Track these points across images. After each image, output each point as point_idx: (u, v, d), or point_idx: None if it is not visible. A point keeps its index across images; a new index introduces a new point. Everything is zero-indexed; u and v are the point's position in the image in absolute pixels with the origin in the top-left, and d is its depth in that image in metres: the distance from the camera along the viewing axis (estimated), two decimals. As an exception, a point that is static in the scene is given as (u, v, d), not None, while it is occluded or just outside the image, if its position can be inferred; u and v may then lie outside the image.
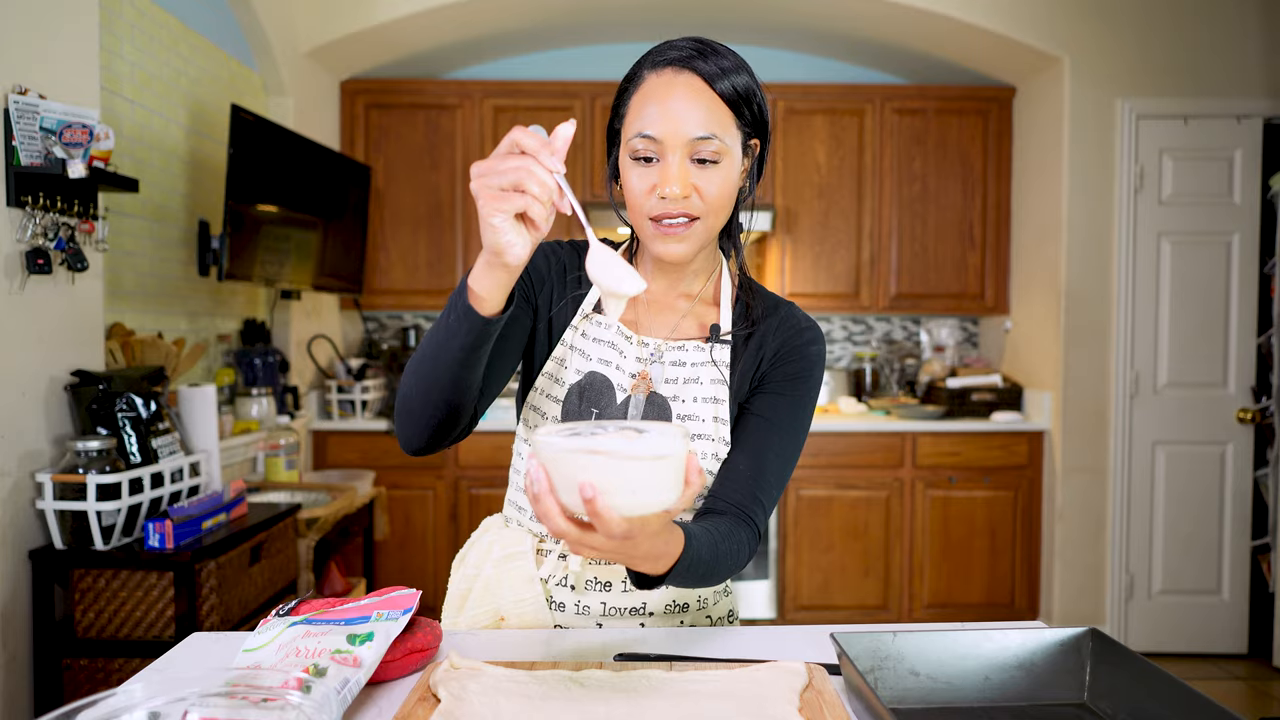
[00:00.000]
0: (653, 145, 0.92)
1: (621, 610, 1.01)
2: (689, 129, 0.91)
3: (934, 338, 3.93)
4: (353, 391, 3.41)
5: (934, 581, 3.44)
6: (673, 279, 1.05)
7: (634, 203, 0.95)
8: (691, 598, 1.04)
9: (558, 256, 1.06)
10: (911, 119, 3.66)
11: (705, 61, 0.92)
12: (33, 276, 1.79)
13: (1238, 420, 3.26)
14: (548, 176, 0.72)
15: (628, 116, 0.95)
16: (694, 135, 0.91)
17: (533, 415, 1.04)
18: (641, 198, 0.94)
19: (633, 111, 0.94)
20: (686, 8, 3.50)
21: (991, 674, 0.80)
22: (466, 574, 1.08)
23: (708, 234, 0.96)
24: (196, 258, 2.72)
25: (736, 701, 0.73)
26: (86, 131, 1.82)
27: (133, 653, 1.77)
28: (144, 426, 1.91)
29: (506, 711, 0.71)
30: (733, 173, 0.95)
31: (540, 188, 0.72)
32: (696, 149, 0.91)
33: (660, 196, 0.92)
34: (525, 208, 0.73)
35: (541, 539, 1.04)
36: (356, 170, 3.37)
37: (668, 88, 0.92)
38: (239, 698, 0.64)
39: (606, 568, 1.01)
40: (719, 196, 0.94)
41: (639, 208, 0.95)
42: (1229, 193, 3.27)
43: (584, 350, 1.02)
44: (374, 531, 3.07)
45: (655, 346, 1.02)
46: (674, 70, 0.92)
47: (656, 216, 0.93)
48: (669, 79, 0.92)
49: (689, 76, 0.92)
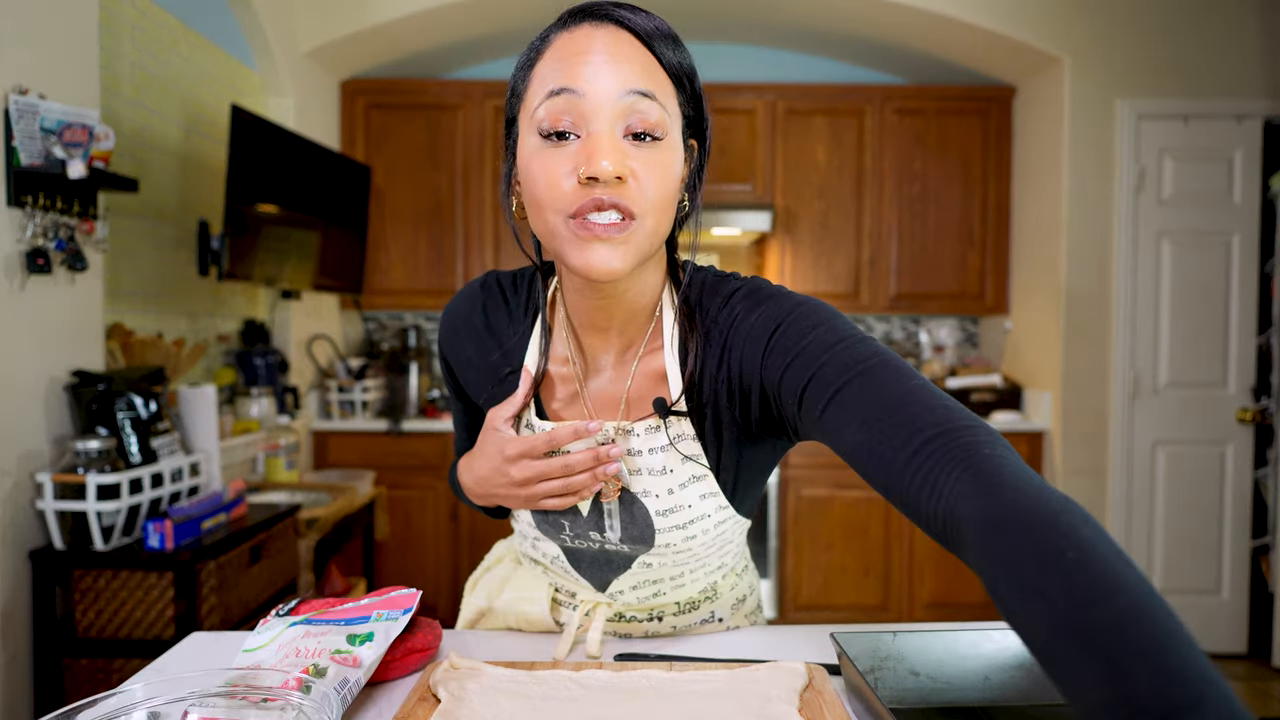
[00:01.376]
0: (569, 107, 0.67)
1: None
2: (620, 82, 0.67)
3: (934, 338, 3.93)
4: (353, 391, 3.41)
5: (934, 581, 3.44)
6: (604, 321, 0.79)
7: (543, 198, 0.68)
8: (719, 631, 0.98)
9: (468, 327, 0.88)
10: (911, 119, 3.66)
11: (632, 13, 0.70)
12: (33, 276, 1.79)
13: (1238, 420, 3.26)
14: (590, 489, 0.76)
15: (529, 90, 0.71)
16: (627, 89, 0.67)
17: None
18: (553, 188, 0.68)
19: (537, 78, 0.70)
20: (686, 8, 3.50)
21: (991, 674, 0.80)
22: (476, 604, 1.04)
23: (648, 242, 0.70)
24: (196, 258, 2.72)
25: (736, 701, 0.73)
26: (86, 131, 1.82)
27: (133, 653, 1.77)
28: (144, 426, 1.91)
29: (506, 711, 0.71)
30: (674, 161, 0.71)
31: (581, 493, 0.77)
32: (630, 114, 0.67)
33: (587, 177, 0.66)
34: (567, 504, 0.78)
35: (557, 589, 0.97)
36: (356, 170, 3.37)
37: (587, 38, 0.68)
38: (239, 698, 0.64)
39: (627, 624, 0.93)
40: (659, 187, 0.69)
41: (551, 203, 0.68)
42: (1229, 193, 3.27)
43: None
44: (374, 531, 3.07)
45: (607, 433, 0.80)
46: (593, 23, 0.69)
47: (577, 211, 0.67)
48: (588, 31, 0.69)
49: (613, 28, 0.69)
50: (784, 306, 0.74)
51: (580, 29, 0.69)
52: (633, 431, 0.80)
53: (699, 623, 0.96)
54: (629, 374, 0.81)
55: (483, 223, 3.61)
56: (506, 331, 0.86)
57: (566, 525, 0.85)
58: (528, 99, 0.71)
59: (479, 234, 3.61)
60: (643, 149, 0.68)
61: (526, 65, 0.73)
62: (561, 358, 0.83)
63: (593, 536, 0.85)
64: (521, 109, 0.73)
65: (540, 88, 0.69)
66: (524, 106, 0.72)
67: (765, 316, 0.74)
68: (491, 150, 3.59)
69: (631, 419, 0.81)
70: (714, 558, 0.89)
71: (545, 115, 0.68)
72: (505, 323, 0.87)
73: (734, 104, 3.60)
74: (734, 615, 0.99)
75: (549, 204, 0.68)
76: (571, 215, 0.68)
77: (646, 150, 0.68)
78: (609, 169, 0.65)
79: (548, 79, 0.69)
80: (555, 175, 0.68)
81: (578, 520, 0.84)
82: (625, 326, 0.80)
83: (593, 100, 0.67)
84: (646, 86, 0.68)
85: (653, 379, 0.80)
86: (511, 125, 0.76)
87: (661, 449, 0.79)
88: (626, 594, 0.90)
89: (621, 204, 0.67)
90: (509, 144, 0.76)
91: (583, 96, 0.67)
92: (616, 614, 0.94)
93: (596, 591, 0.92)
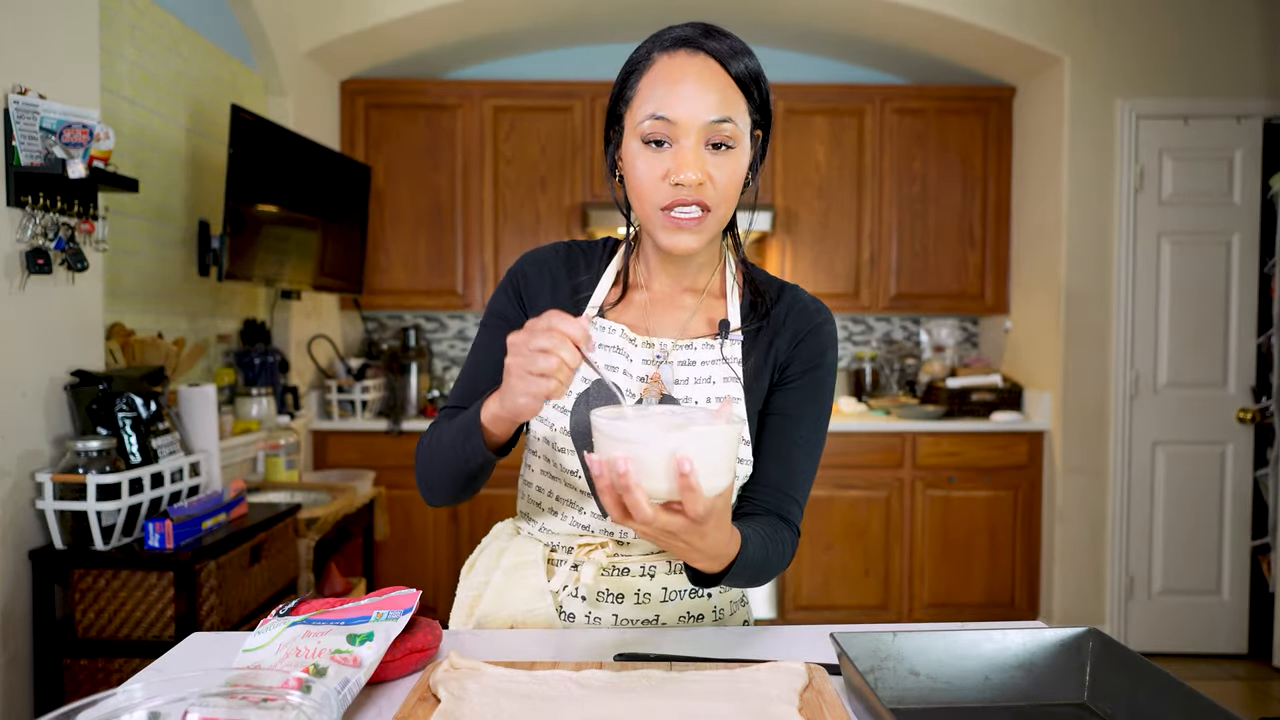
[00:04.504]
0: (666, 128, 0.88)
1: (634, 621, 0.99)
2: (705, 111, 0.88)
3: (934, 338, 3.93)
4: (353, 391, 3.41)
5: (934, 581, 3.44)
6: (677, 275, 1.02)
7: (642, 191, 0.91)
8: (707, 609, 1.03)
9: (549, 268, 1.04)
10: (911, 119, 3.66)
11: (717, 42, 0.90)
12: (33, 276, 1.79)
13: (1238, 420, 3.26)
14: (574, 360, 0.77)
15: (635, 100, 0.92)
16: (710, 118, 0.88)
17: (539, 426, 1.00)
18: (651, 185, 0.90)
19: (642, 94, 0.91)
20: (686, 8, 3.50)
21: (991, 674, 0.80)
22: (475, 580, 1.06)
23: (718, 226, 0.93)
24: (196, 258, 2.72)
25: (736, 702, 0.73)
26: (86, 131, 1.82)
27: (133, 653, 1.77)
28: (144, 426, 1.91)
29: (506, 711, 0.71)
30: (743, 160, 0.92)
31: (567, 374, 0.78)
32: (712, 132, 0.88)
33: (675, 183, 0.88)
34: (550, 392, 0.78)
35: (553, 549, 1.02)
36: (356, 170, 3.37)
37: (682, 69, 0.89)
38: (239, 698, 0.64)
39: (619, 579, 0.98)
40: (730, 184, 0.91)
41: (648, 196, 0.90)
42: (1229, 193, 3.27)
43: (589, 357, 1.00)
44: (374, 531, 3.07)
45: (662, 347, 0.99)
46: (688, 52, 0.89)
47: (668, 205, 0.89)
48: (683, 60, 0.89)
49: (704, 58, 0.89)
50: (829, 316, 1.03)
51: (677, 56, 0.90)
52: (691, 346, 0.99)
53: (683, 592, 1.00)
54: (693, 308, 1.02)
55: (483, 223, 3.61)
56: (583, 276, 1.04)
57: None
58: (634, 106, 0.92)
59: (479, 234, 3.61)
60: (719, 155, 0.90)
61: (633, 74, 0.93)
62: (634, 289, 1.03)
63: None
64: (628, 112, 0.93)
65: (644, 105, 0.90)
66: (630, 110, 0.93)
67: (821, 310, 1.03)
68: (491, 150, 3.59)
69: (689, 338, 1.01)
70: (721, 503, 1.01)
71: (649, 130, 0.89)
72: (582, 269, 1.05)
73: (734, 104, 3.59)
74: (721, 594, 1.04)
75: (645, 196, 0.91)
76: (663, 208, 0.90)
77: (721, 156, 0.90)
78: (693, 177, 0.87)
79: (650, 101, 0.89)
80: (653, 175, 0.90)
81: None
82: (696, 276, 1.03)
83: (683, 125, 0.88)
84: (723, 113, 0.88)
85: (707, 314, 1.02)
86: (616, 118, 0.96)
87: (713, 362, 0.98)
88: (631, 533, 0.97)
89: (701, 200, 0.89)
90: (613, 132, 0.97)
91: (675, 123, 0.88)
92: (611, 564, 0.98)
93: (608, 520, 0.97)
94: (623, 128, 0.94)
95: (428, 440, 0.99)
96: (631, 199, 0.94)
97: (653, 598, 0.99)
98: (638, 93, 0.91)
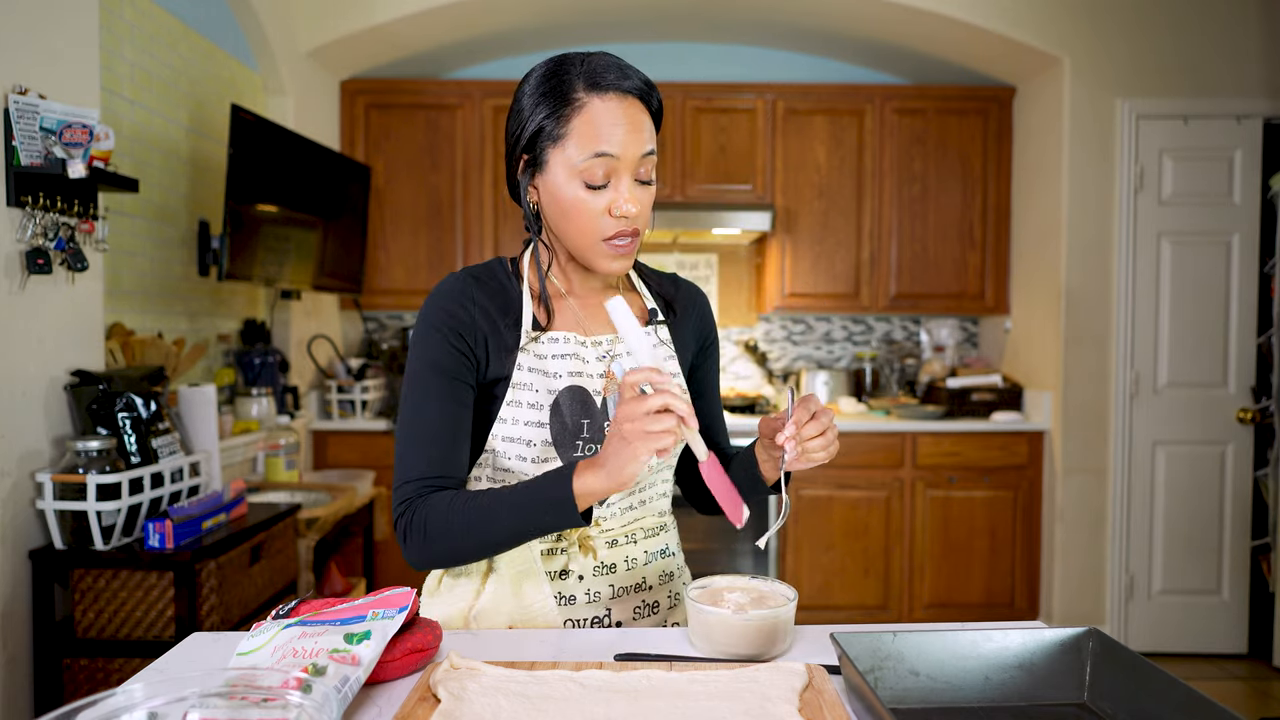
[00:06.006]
0: (608, 165, 0.96)
1: (628, 589, 1.06)
2: (638, 148, 0.97)
3: (934, 338, 3.93)
4: (353, 391, 3.41)
5: (934, 581, 3.44)
6: (598, 278, 1.11)
7: (583, 223, 0.99)
8: (674, 566, 1.14)
9: (477, 303, 1.03)
10: (911, 119, 3.66)
11: (633, 81, 0.99)
12: (33, 276, 1.79)
13: (1238, 420, 3.26)
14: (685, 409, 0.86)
15: (568, 139, 0.97)
16: (643, 152, 0.98)
17: (510, 446, 1.02)
18: (594, 219, 0.98)
19: (577, 133, 0.96)
20: (686, 8, 3.50)
21: (991, 674, 0.80)
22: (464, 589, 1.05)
23: (640, 242, 1.05)
24: (196, 258, 2.72)
25: (736, 701, 0.73)
26: (86, 131, 1.82)
27: (133, 653, 1.77)
28: (144, 426, 1.91)
29: (506, 711, 0.71)
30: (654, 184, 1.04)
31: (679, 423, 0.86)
32: (641, 166, 0.98)
33: (619, 215, 0.98)
34: (670, 445, 0.85)
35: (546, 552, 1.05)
36: (356, 170, 3.37)
37: (614, 113, 0.96)
38: (239, 698, 0.64)
39: (611, 550, 1.06)
40: (649, 207, 1.02)
41: (589, 229, 0.99)
42: (1229, 193, 3.27)
43: (545, 370, 1.03)
44: (374, 531, 3.07)
45: (610, 345, 1.08)
46: (618, 95, 0.97)
47: (611, 236, 0.99)
48: (614, 104, 0.97)
49: (632, 100, 0.98)
50: None
51: (609, 99, 0.97)
52: None
53: (659, 553, 1.11)
54: None
55: (482, 222, 3.61)
56: (510, 299, 1.07)
57: (585, 426, 1.02)
58: (566, 145, 0.97)
59: (479, 234, 3.61)
60: (645, 188, 1.01)
61: (562, 114, 0.97)
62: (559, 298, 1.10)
63: (606, 429, 1.03)
64: (554, 147, 0.98)
65: (583, 144, 0.96)
66: (559, 147, 0.98)
67: (701, 291, 1.22)
68: (491, 150, 3.59)
69: None
70: (669, 473, 1.14)
71: (588, 170, 0.97)
72: (505, 292, 1.07)
73: (734, 104, 3.60)
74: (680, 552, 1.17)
75: (587, 229, 0.99)
76: (605, 239, 1.00)
77: (644, 189, 1.01)
78: (633, 210, 0.98)
79: (590, 140, 0.96)
80: (594, 212, 0.98)
81: (594, 420, 1.02)
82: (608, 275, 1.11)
83: (624, 162, 0.97)
84: (650, 147, 0.99)
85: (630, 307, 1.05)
86: (536, 148, 1.00)
87: (654, 347, 1.09)
88: (614, 509, 1.05)
89: (635, 229, 1.01)
90: (532, 156, 1.01)
91: (618, 160, 0.97)
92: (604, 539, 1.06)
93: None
94: (545, 160, 1.00)
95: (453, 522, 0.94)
96: (564, 226, 1.01)
97: (638, 562, 1.08)
98: (570, 132, 0.97)
